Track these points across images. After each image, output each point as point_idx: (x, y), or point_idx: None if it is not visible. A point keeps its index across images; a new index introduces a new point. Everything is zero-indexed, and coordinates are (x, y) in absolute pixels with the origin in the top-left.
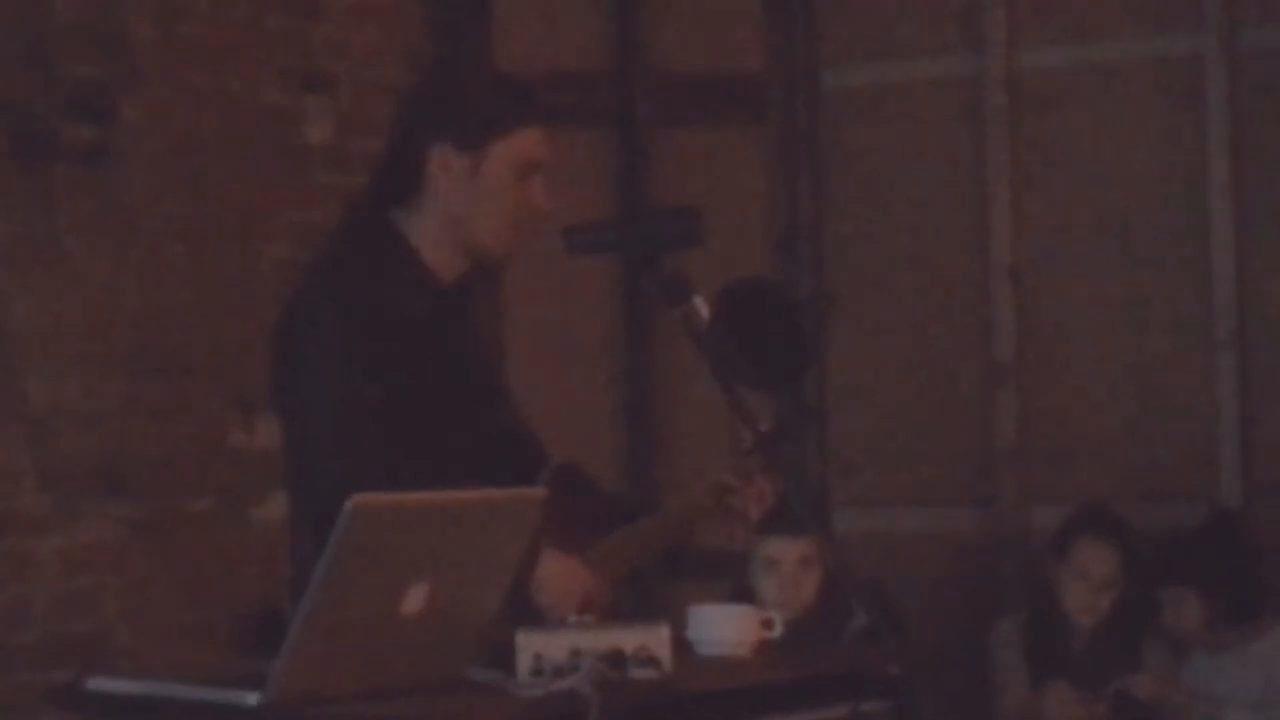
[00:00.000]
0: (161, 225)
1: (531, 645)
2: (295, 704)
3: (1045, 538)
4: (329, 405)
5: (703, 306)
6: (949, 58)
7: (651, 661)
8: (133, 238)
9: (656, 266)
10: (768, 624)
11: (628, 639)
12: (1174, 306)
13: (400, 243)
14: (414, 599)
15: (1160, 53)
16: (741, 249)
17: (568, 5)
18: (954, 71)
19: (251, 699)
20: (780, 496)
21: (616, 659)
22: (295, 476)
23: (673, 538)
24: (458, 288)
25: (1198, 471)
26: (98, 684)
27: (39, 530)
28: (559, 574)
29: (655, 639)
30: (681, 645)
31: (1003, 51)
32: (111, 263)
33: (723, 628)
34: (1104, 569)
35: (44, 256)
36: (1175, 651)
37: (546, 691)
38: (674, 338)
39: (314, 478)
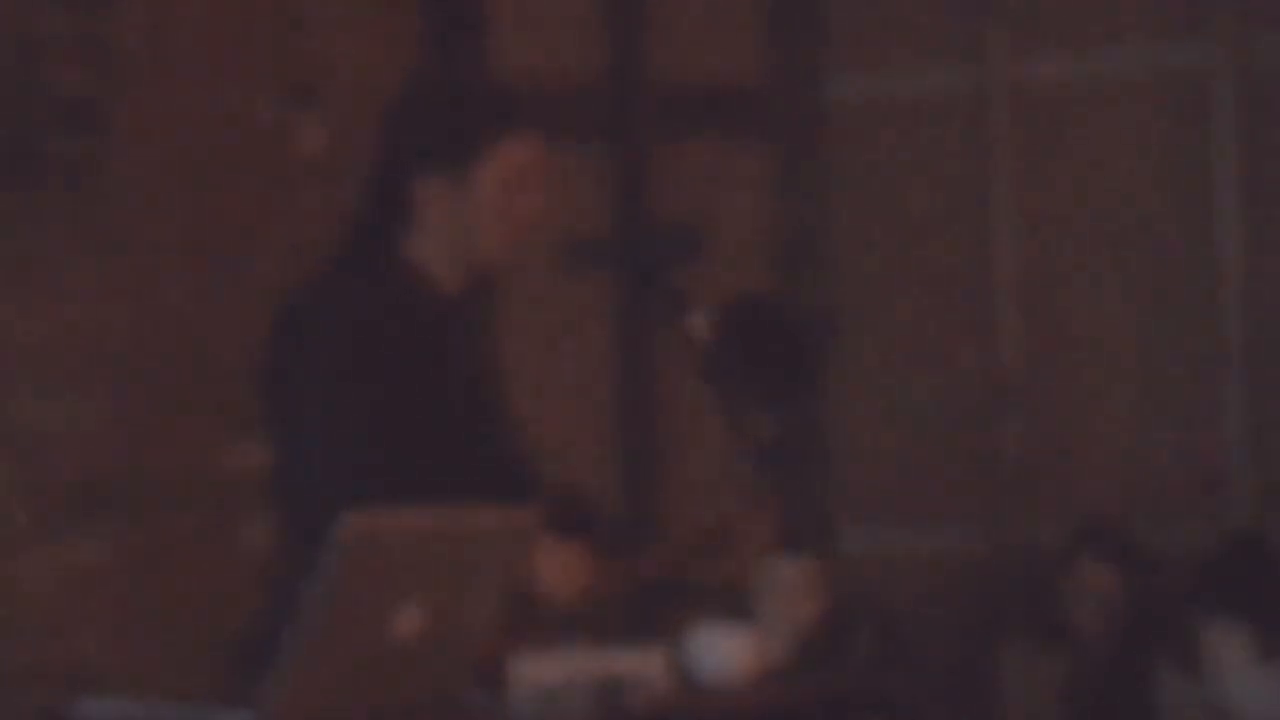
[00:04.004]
0: (151, 240)
1: (527, 670)
2: None
3: (1051, 555)
4: (327, 421)
5: (703, 323)
6: (952, 70)
7: (648, 687)
8: (121, 252)
9: (656, 282)
10: (766, 647)
11: (624, 663)
12: (1181, 321)
13: (399, 259)
14: (407, 620)
15: (1166, 64)
16: (743, 264)
17: (566, 18)
18: (957, 84)
19: None
20: (785, 518)
21: (613, 684)
22: (288, 492)
23: (669, 572)
24: (460, 299)
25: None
26: (84, 707)
27: (25, 550)
28: (559, 564)
29: (651, 663)
30: (678, 669)
31: (1006, 63)
32: (100, 278)
33: (721, 651)
34: (1104, 585)
35: (31, 271)
36: (1192, 669)
37: (541, 716)
38: (674, 354)
39: (310, 495)
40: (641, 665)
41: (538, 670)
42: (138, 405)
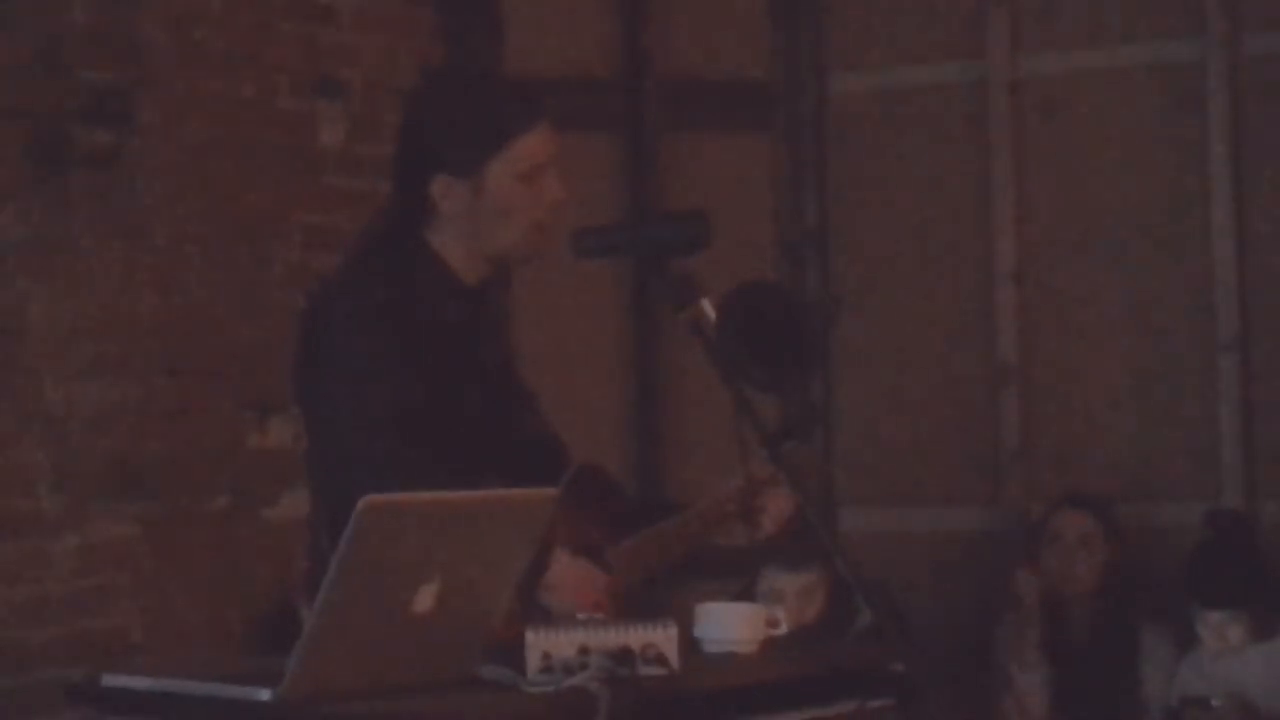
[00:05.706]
0: (175, 229)
1: (540, 643)
2: (308, 701)
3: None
4: (357, 405)
5: (710, 309)
6: (953, 63)
7: (659, 659)
8: (147, 241)
9: (664, 269)
10: (774, 622)
11: (636, 637)
12: (1176, 309)
13: (424, 250)
14: (425, 598)
15: (1162, 58)
16: (748, 252)
17: (577, 10)
18: (958, 77)
19: (265, 695)
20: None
21: (625, 657)
22: (318, 474)
23: (694, 542)
24: (481, 290)
25: (1200, 473)
26: (113, 680)
27: (55, 529)
28: (570, 576)
29: (663, 637)
30: (689, 643)
31: (1006, 57)
32: (126, 266)
33: (730, 625)
34: (1077, 530)
35: (60, 259)
36: (1178, 642)
37: (556, 689)
38: (681, 340)
39: (339, 476)
40: (653, 638)
41: (551, 643)
42: (164, 388)
